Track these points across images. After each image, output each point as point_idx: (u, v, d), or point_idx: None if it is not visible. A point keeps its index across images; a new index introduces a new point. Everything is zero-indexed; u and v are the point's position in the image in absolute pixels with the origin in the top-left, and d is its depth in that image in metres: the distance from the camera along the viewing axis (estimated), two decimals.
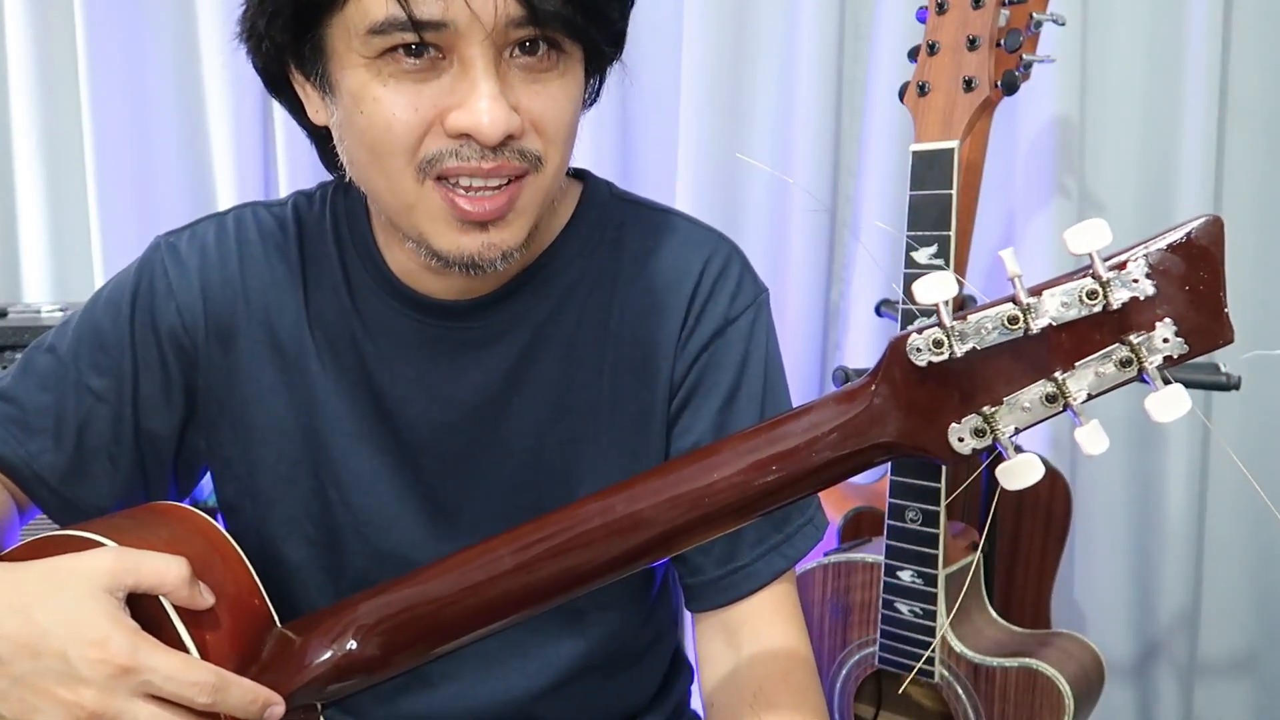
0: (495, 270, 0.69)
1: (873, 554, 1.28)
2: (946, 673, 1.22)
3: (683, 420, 0.80)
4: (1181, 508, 1.57)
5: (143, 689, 0.58)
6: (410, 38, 0.62)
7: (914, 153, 1.18)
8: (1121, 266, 0.48)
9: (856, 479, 1.59)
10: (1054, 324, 0.49)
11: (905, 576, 1.21)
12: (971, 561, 1.29)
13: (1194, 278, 0.48)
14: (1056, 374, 0.49)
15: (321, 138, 0.75)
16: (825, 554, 1.34)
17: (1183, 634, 1.61)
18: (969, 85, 1.15)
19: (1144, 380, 0.49)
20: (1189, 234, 0.48)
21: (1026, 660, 1.17)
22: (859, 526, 1.44)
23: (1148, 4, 1.52)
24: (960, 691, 1.21)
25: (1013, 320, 0.49)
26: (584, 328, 0.79)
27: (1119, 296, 0.48)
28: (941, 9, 1.17)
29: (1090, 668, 1.22)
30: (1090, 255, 0.48)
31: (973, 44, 1.14)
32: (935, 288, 0.49)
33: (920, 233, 1.16)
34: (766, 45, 1.62)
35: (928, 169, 1.16)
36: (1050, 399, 0.50)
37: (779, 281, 1.66)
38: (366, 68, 0.64)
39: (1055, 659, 1.18)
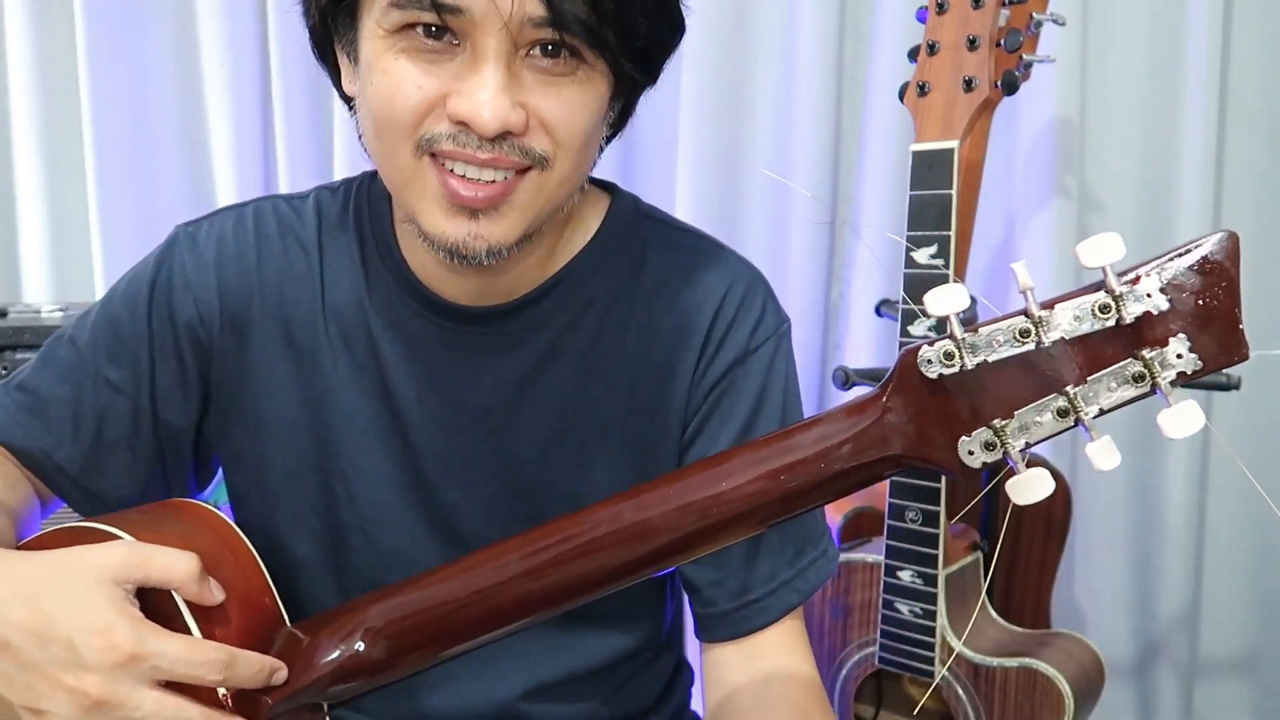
0: (480, 263, 0.67)
1: (873, 554, 1.28)
2: (946, 673, 1.22)
3: (696, 447, 0.79)
4: (1181, 508, 1.56)
5: (151, 675, 0.58)
6: (428, 17, 0.62)
7: (914, 153, 1.18)
8: (1135, 281, 0.48)
9: None
10: (1066, 338, 0.48)
11: (905, 576, 1.21)
12: (971, 561, 1.29)
13: (1209, 293, 0.48)
14: (1068, 388, 0.49)
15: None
16: None
17: (1183, 634, 1.61)
18: (969, 85, 1.15)
19: (1157, 395, 0.48)
20: (1204, 249, 0.48)
21: (1026, 660, 1.17)
22: (859, 526, 1.44)
23: (1148, 4, 1.52)
24: (960, 691, 1.21)
25: (1024, 333, 0.49)
26: (601, 344, 0.78)
27: (1132, 311, 0.47)
28: (941, 9, 1.17)
29: (1090, 668, 1.22)
30: (1104, 269, 0.47)
31: (973, 44, 1.14)
32: (947, 300, 0.49)
33: (920, 233, 1.16)
34: (766, 45, 1.62)
35: (928, 169, 1.16)
36: (1062, 413, 0.49)
37: (779, 281, 1.66)
38: (384, 39, 0.64)
39: (1055, 659, 1.18)
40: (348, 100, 0.74)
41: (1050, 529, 1.43)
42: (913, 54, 1.21)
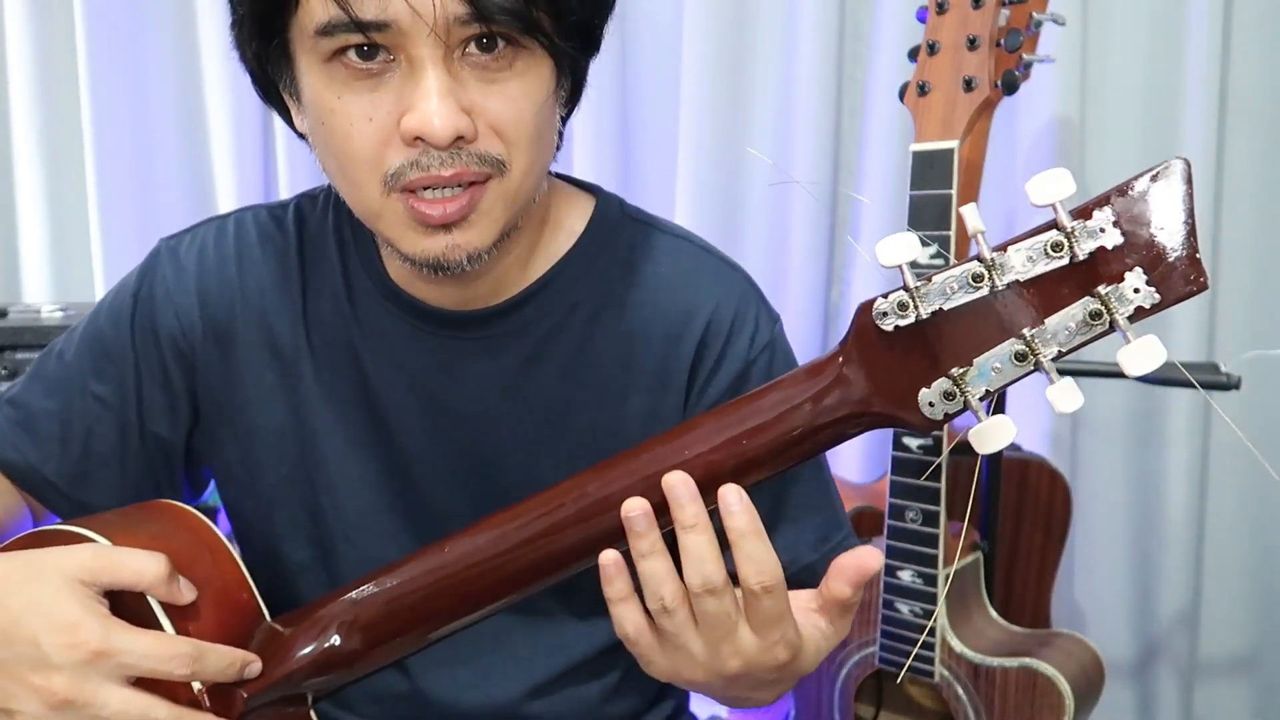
0: (463, 271, 0.67)
1: None
2: (946, 673, 1.22)
3: None
4: (1181, 508, 1.56)
5: (118, 672, 0.58)
6: (356, 39, 0.61)
7: (914, 153, 1.18)
8: (1087, 216, 0.46)
9: (856, 478, 1.59)
10: (1020, 280, 0.47)
11: (905, 576, 1.21)
12: (971, 561, 1.29)
13: (1163, 223, 0.45)
14: (1025, 331, 0.48)
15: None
16: None
17: (1183, 634, 1.61)
18: (969, 85, 1.15)
19: (1116, 333, 0.47)
20: (1155, 178, 0.46)
21: (1026, 660, 1.17)
22: (859, 526, 1.44)
23: (1148, 4, 1.52)
24: (960, 691, 1.21)
25: (978, 278, 0.48)
26: (587, 350, 0.77)
27: (1085, 247, 0.46)
28: (941, 9, 1.17)
29: (1090, 668, 1.22)
30: (1053, 206, 0.46)
31: (973, 44, 1.14)
32: (897, 249, 0.48)
33: (920, 232, 1.16)
34: (766, 45, 1.62)
35: (928, 169, 1.16)
36: (1020, 358, 0.48)
37: (779, 281, 1.66)
38: (320, 74, 0.63)
39: (1055, 659, 1.18)
40: (302, 137, 0.74)
41: (1050, 529, 1.43)
42: (913, 54, 1.21)
